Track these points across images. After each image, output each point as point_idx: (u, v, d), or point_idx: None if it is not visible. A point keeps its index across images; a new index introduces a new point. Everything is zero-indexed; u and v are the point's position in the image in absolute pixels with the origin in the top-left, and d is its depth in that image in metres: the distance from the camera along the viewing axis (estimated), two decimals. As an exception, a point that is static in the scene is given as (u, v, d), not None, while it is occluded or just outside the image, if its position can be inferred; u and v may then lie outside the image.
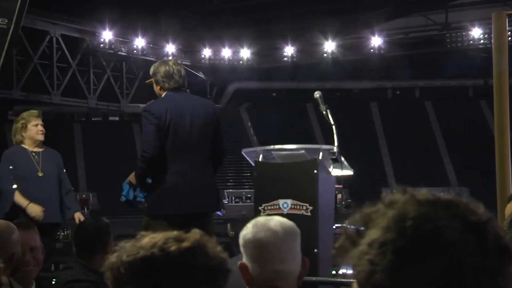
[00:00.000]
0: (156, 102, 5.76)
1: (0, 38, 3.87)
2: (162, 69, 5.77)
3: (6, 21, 3.81)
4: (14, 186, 6.50)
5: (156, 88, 5.82)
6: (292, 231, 2.70)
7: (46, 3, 30.45)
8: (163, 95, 5.77)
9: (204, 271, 1.60)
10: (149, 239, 1.62)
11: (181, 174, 5.64)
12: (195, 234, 1.66)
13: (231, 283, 3.06)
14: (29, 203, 6.44)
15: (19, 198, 6.45)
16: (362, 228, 1.17)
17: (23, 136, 6.58)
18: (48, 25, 36.54)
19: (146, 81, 6.62)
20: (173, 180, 5.59)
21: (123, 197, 5.96)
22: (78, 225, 4.73)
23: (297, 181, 5.66)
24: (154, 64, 6.01)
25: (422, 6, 29.84)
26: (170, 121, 5.62)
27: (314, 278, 4.95)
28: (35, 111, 6.75)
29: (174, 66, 5.83)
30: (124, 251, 1.62)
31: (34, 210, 6.45)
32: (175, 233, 1.65)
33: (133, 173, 5.83)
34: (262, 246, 2.64)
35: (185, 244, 1.60)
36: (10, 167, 6.47)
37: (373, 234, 1.14)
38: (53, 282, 6.09)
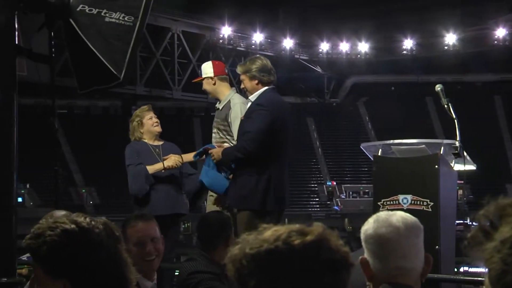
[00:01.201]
0: (264, 98, 5.72)
1: (127, 35, 4.01)
2: (258, 63, 5.78)
3: (132, 18, 3.92)
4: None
5: (252, 84, 5.78)
6: (414, 226, 2.63)
7: (167, 0, 31.27)
8: (261, 91, 5.75)
9: (328, 264, 1.57)
10: (272, 232, 1.59)
11: (282, 171, 5.75)
12: (318, 227, 1.63)
13: (352, 278, 3.04)
14: (162, 162, 6.55)
15: (151, 168, 6.54)
16: (496, 221, 1.12)
17: (141, 132, 6.71)
18: (169, 22, 37.57)
19: (194, 80, 6.61)
20: (278, 175, 5.66)
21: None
22: (201, 219, 4.80)
23: (417, 176, 5.53)
24: (242, 64, 6.02)
25: (551, -5, 28.52)
26: (280, 118, 5.69)
27: (436, 276, 4.84)
28: (145, 106, 6.87)
29: (267, 62, 5.88)
30: (247, 243, 1.60)
31: (172, 160, 6.51)
32: (297, 226, 1.62)
33: (220, 150, 5.82)
34: (383, 242, 2.59)
35: (310, 238, 1.57)
36: (137, 157, 6.59)
37: (507, 231, 1.09)
38: (176, 273, 6.23)
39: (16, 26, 3.78)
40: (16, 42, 3.80)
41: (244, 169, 5.64)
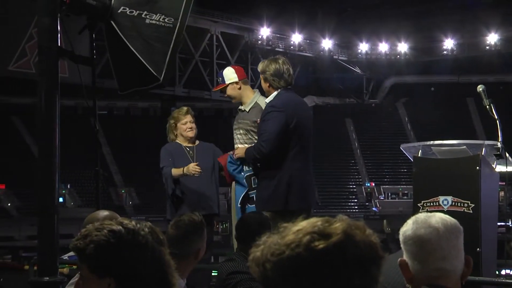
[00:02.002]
0: (279, 99, 5.79)
1: (167, 37, 4.05)
2: (272, 67, 5.84)
3: (172, 20, 3.96)
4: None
5: (265, 86, 5.90)
6: (454, 228, 2.61)
7: (206, 1, 31.44)
8: (275, 93, 5.83)
9: (356, 265, 1.49)
10: (294, 236, 1.53)
11: (304, 171, 5.78)
12: (342, 223, 1.54)
13: (392, 280, 3.01)
14: (183, 169, 6.57)
15: (175, 172, 6.62)
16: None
17: (175, 134, 6.84)
18: (208, 23, 37.75)
19: (217, 88, 6.57)
20: (298, 175, 5.68)
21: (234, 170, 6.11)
22: (239, 219, 4.84)
23: (458, 177, 5.48)
24: (262, 62, 6.05)
25: None
26: (295, 118, 5.72)
27: (477, 278, 4.78)
28: (184, 108, 6.93)
29: (283, 65, 5.89)
30: (268, 248, 1.55)
31: (190, 169, 6.52)
32: (319, 224, 1.54)
33: (243, 149, 5.95)
34: (422, 243, 2.57)
35: (333, 239, 1.49)
36: (169, 159, 6.70)
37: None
38: (213, 274, 6.26)
39: (59, 28, 3.84)
40: (59, 44, 3.86)
41: (265, 172, 5.73)
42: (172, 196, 6.62)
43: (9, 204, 38.69)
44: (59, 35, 3.85)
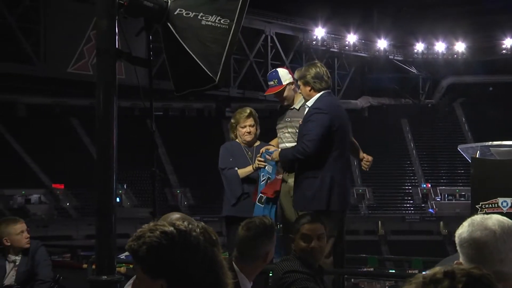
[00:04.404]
0: (321, 102, 5.87)
1: (222, 38, 4.11)
2: (313, 70, 5.95)
3: (228, 21, 4.02)
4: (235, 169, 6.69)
5: (305, 90, 5.98)
6: (511, 230, 2.58)
7: (261, 2, 31.53)
8: (317, 96, 5.91)
9: None
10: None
11: (345, 172, 5.93)
12: None
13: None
14: (252, 165, 6.55)
15: (242, 171, 6.62)
16: None
17: (235, 134, 6.89)
18: (263, 24, 37.83)
19: (272, 91, 6.51)
20: (340, 177, 5.80)
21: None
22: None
23: (518, 179, 5.39)
24: (299, 69, 6.14)
25: None
26: (339, 121, 5.83)
27: (536, 282, 4.69)
28: (246, 111, 6.87)
29: (322, 68, 6.03)
30: None
31: (256, 162, 6.49)
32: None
33: (277, 152, 6.08)
34: (478, 246, 2.53)
35: None
36: (230, 159, 6.73)
37: None
38: (270, 274, 6.29)
39: (116, 30, 3.90)
40: (116, 46, 3.92)
41: (307, 172, 5.79)
42: (241, 196, 6.63)
43: (67, 204, 39.46)
44: (116, 37, 3.91)
